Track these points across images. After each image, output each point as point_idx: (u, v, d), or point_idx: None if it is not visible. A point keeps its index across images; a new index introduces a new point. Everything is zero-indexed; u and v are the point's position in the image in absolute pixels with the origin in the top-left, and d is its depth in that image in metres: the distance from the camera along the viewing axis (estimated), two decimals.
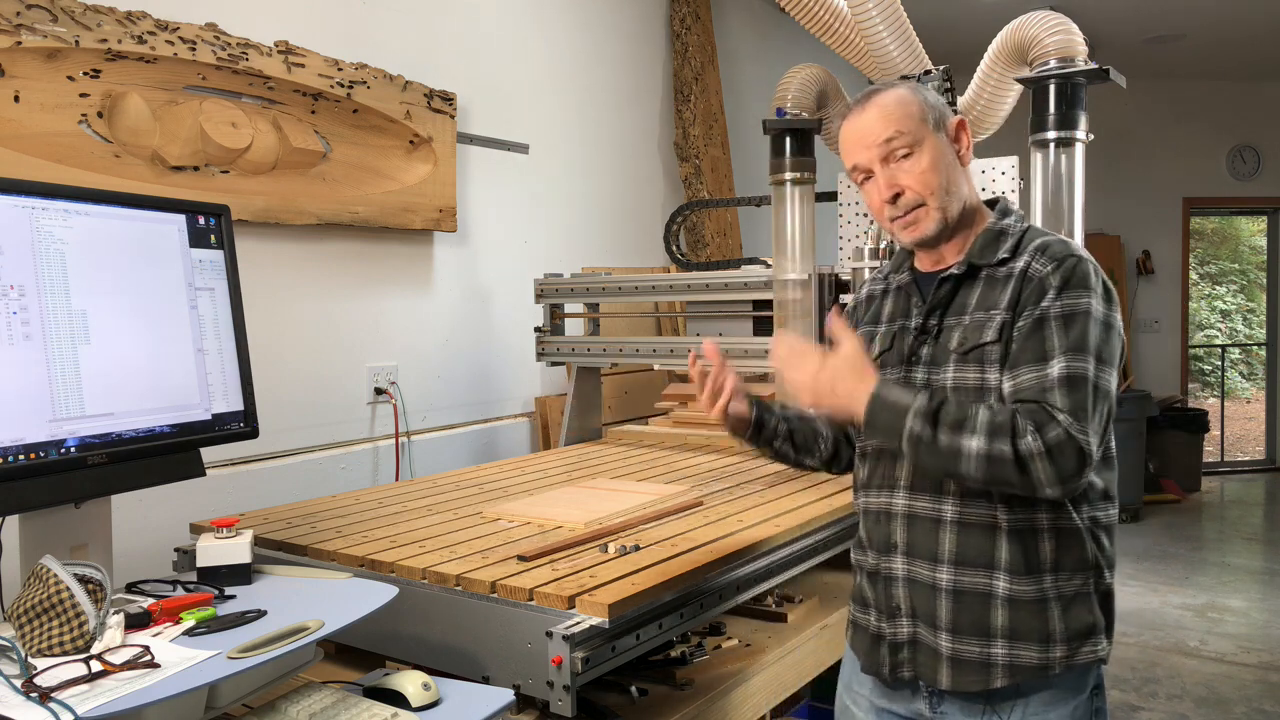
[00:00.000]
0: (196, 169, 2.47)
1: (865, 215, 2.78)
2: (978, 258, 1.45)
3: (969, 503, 1.39)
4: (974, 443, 1.27)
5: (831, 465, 1.71)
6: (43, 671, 1.16)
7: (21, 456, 1.32)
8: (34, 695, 1.10)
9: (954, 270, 1.46)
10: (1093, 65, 2.34)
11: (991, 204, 1.53)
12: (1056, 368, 1.30)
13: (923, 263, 1.54)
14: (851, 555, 1.60)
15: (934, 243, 1.47)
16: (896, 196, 1.44)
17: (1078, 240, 2.45)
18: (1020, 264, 1.40)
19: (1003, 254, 1.43)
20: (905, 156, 1.43)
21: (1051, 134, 2.39)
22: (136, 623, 1.33)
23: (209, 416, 1.60)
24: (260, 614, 1.39)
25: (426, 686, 1.37)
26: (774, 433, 1.65)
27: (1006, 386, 1.35)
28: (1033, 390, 1.31)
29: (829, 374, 1.38)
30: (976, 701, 1.41)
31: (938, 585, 1.40)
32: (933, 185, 1.43)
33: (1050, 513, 1.37)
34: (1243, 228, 11.57)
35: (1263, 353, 8.72)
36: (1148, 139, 7.50)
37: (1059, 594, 1.37)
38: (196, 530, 2.01)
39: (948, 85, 2.51)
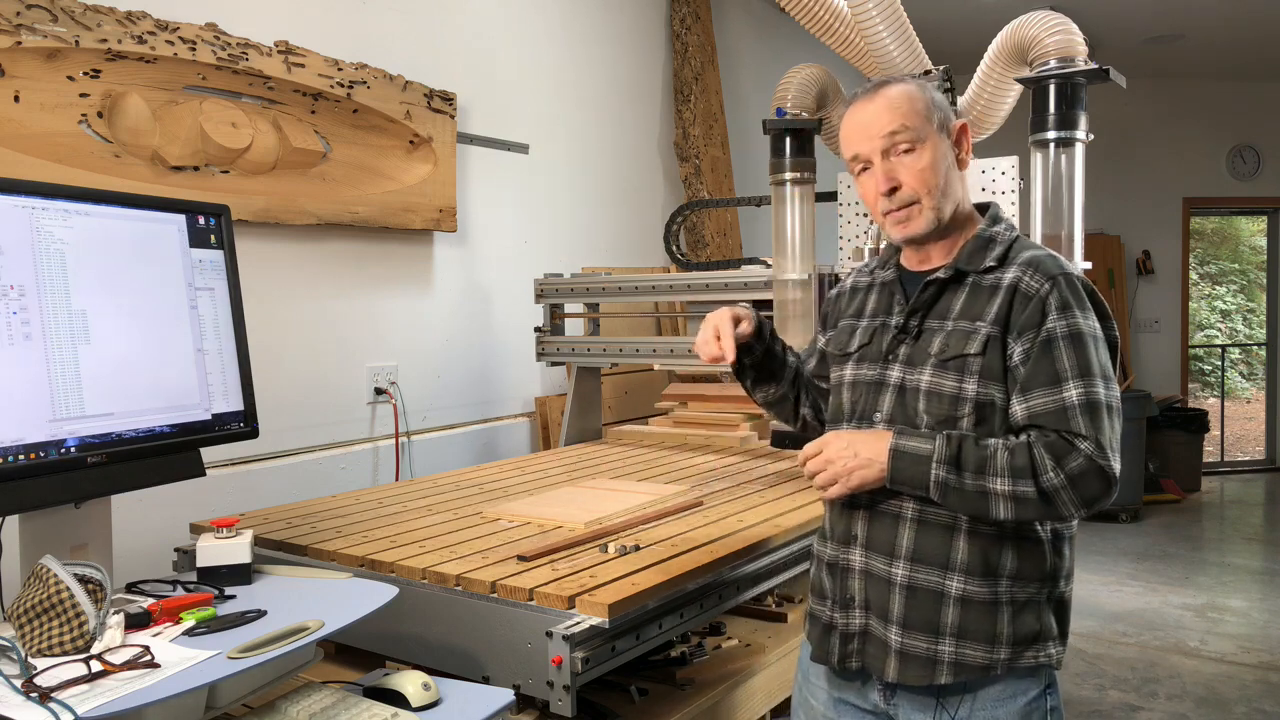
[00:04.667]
0: (196, 169, 2.47)
1: (865, 215, 2.78)
2: (965, 263, 1.45)
3: (930, 502, 1.39)
4: (999, 485, 1.32)
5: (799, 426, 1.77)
6: (43, 671, 1.16)
7: (21, 456, 1.32)
8: (34, 695, 1.10)
9: (940, 274, 1.45)
10: (1093, 65, 2.34)
11: (983, 209, 1.52)
12: (1074, 393, 1.33)
13: (909, 261, 1.54)
14: (814, 545, 1.60)
15: (922, 241, 1.48)
16: (893, 190, 1.43)
17: (1078, 240, 2.45)
18: (1009, 277, 1.41)
19: (990, 261, 1.43)
20: (906, 152, 1.42)
21: (1051, 134, 2.39)
22: (136, 623, 1.33)
23: (209, 416, 1.61)
24: (260, 614, 1.39)
25: (426, 686, 1.38)
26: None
27: (1018, 409, 1.36)
28: (1052, 417, 1.33)
29: (847, 445, 1.40)
30: (928, 695, 1.42)
31: (893, 580, 1.42)
32: (930, 184, 1.42)
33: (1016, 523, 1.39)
34: (1243, 228, 11.56)
35: (1263, 353, 8.71)
36: (1148, 139, 7.50)
37: (1012, 599, 1.39)
38: (196, 530, 2.01)
39: (948, 85, 2.50)
